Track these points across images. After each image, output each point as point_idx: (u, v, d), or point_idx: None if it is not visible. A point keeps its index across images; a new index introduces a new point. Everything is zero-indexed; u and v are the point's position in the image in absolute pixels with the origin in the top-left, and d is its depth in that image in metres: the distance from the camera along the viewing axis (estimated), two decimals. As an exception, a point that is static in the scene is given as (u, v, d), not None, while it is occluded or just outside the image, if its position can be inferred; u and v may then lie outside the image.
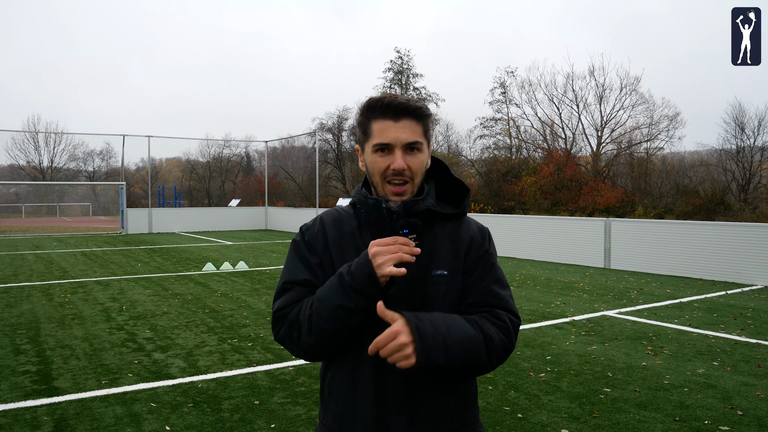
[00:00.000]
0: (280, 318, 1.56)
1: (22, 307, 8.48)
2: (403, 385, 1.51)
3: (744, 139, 25.42)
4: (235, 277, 11.56)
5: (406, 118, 1.52)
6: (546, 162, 27.68)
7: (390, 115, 1.51)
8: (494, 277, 1.61)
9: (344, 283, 1.43)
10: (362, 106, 1.58)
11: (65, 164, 46.68)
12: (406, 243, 1.41)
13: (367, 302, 1.41)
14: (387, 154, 1.52)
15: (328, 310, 1.45)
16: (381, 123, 1.52)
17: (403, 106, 1.52)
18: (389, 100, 1.52)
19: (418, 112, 1.53)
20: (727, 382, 5.09)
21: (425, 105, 1.57)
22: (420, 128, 1.54)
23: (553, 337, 6.64)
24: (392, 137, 1.50)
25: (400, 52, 37.51)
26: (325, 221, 1.64)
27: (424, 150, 1.55)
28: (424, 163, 1.56)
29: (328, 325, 1.45)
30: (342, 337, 1.49)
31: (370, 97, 1.57)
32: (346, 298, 1.42)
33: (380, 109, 1.53)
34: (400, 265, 1.41)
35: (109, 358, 5.86)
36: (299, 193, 37.99)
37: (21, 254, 16.18)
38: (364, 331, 1.53)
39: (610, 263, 13.09)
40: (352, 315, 1.43)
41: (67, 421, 4.24)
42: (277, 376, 5.31)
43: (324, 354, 1.56)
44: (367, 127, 1.55)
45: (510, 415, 4.37)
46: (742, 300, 9.05)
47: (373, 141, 1.53)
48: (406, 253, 1.39)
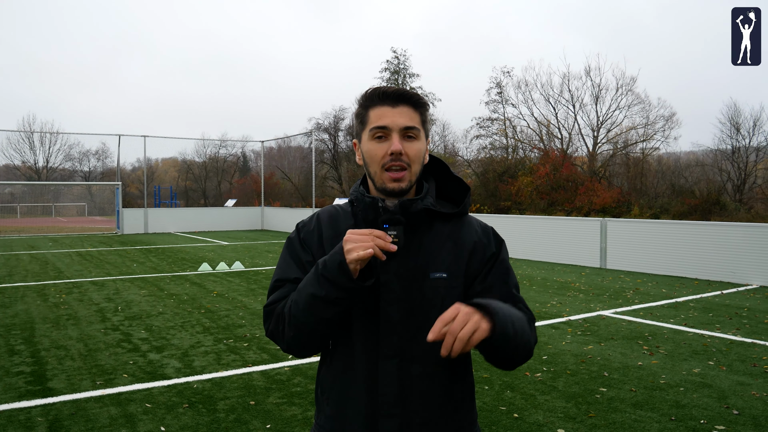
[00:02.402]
0: (269, 313, 1.57)
1: (16, 307, 8.44)
2: (395, 387, 1.49)
3: (739, 140, 25.53)
4: (231, 277, 11.53)
5: (403, 105, 1.52)
6: (542, 162, 27.72)
7: (388, 102, 1.52)
8: (513, 283, 1.60)
9: (318, 272, 1.42)
10: (360, 97, 1.58)
11: (61, 164, 46.62)
12: (381, 236, 1.38)
13: (339, 293, 1.39)
14: (384, 140, 1.51)
15: (303, 300, 1.44)
16: (379, 109, 1.52)
17: (401, 92, 1.53)
18: (386, 88, 1.54)
19: (414, 99, 1.53)
20: (723, 381, 5.10)
21: (423, 96, 1.58)
22: (417, 116, 1.53)
23: (549, 337, 6.64)
24: (389, 121, 1.50)
25: (397, 52, 37.55)
26: (321, 218, 1.63)
27: (422, 139, 1.54)
28: (421, 152, 1.54)
29: (304, 316, 1.44)
30: (320, 330, 1.46)
31: (368, 88, 1.58)
32: (317, 287, 1.40)
33: (378, 96, 1.53)
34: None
35: (104, 358, 5.83)
36: (295, 193, 37.96)
37: (16, 254, 16.12)
38: (351, 330, 1.52)
39: (606, 263, 13.11)
40: (326, 306, 1.40)
41: (62, 421, 4.22)
42: (272, 376, 5.30)
43: (305, 348, 1.53)
44: (365, 115, 1.55)
45: (506, 415, 4.36)
46: (737, 300, 9.07)
47: (370, 126, 1.53)
48: (380, 247, 1.36)
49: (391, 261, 1.49)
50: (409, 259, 1.51)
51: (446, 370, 1.53)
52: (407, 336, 1.50)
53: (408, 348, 1.50)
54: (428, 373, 1.51)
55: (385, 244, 1.37)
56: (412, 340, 1.50)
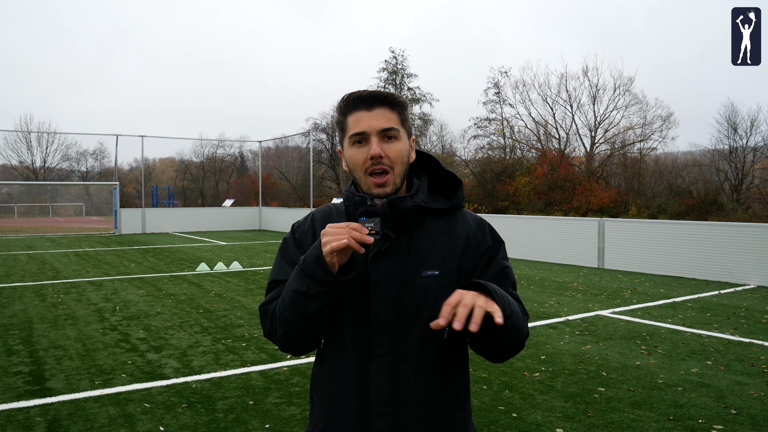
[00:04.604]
0: (264, 313, 1.58)
1: (14, 307, 8.42)
2: (387, 386, 1.49)
3: (736, 140, 25.58)
4: (228, 277, 11.53)
5: (379, 107, 1.50)
6: (540, 162, 27.75)
7: (363, 106, 1.50)
8: (510, 280, 1.59)
9: (299, 268, 1.42)
10: (337, 105, 1.57)
11: (58, 164, 46.51)
12: (357, 228, 1.36)
13: (320, 287, 1.38)
14: (364, 145, 1.50)
15: (287, 297, 1.44)
16: (355, 115, 1.51)
17: (375, 94, 1.51)
18: (360, 92, 1.52)
19: (390, 99, 1.51)
20: (721, 381, 5.11)
21: (399, 95, 1.56)
22: (395, 116, 1.52)
23: (547, 337, 6.65)
24: (366, 125, 1.49)
25: (395, 52, 37.55)
26: (316, 218, 1.64)
27: (402, 138, 1.52)
28: (403, 152, 1.51)
29: (289, 312, 1.44)
30: (306, 326, 1.46)
31: (344, 94, 1.56)
32: (299, 282, 1.40)
33: (353, 101, 1.52)
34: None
35: (102, 358, 5.83)
36: (293, 193, 37.93)
37: (13, 254, 16.08)
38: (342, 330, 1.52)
39: (604, 263, 13.13)
40: (308, 301, 1.40)
41: (60, 421, 4.21)
42: (271, 376, 5.30)
43: (296, 345, 1.52)
44: (343, 122, 1.54)
45: (505, 415, 4.37)
46: (735, 299, 9.10)
47: (349, 133, 1.52)
48: (356, 239, 1.34)
49: (382, 260, 1.49)
50: (400, 258, 1.50)
51: (438, 368, 1.52)
52: (398, 335, 1.49)
53: (399, 347, 1.49)
54: (420, 372, 1.50)
55: (361, 236, 1.34)
56: (404, 339, 1.49)
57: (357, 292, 1.50)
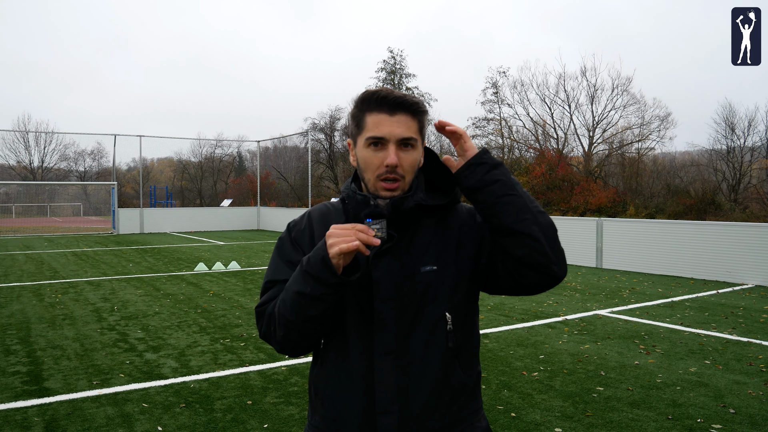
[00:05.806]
0: (260, 314, 1.56)
1: (12, 307, 8.41)
2: (392, 383, 1.48)
3: (734, 140, 25.66)
4: (227, 277, 11.51)
5: (401, 113, 1.47)
6: (538, 162, 27.79)
7: (385, 109, 1.47)
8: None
9: (302, 269, 1.40)
10: (357, 98, 1.53)
11: (56, 164, 46.48)
12: (364, 230, 1.35)
13: (324, 288, 1.37)
14: (380, 149, 1.47)
15: (289, 297, 1.42)
16: (376, 116, 1.47)
17: (400, 100, 1.47)
18: (385, 93, 1.48)
19: (414, 107, 1.48)
20: (719, 380, 5.11)
21: (422, 101, 1.53)
22: (415, 124, 1.49)
23: (546, 337, 6.65)
24: (386, 131, 1.46)
25: (393, 52, 37.57)
26: (312, 217, 1.62)
27: (418, 147, 1.51)
28: (417, 161, 1.51)
29: (291, 314, 1.42)
30: (308, 328, 1.44)
31: (366, 89, 1.53)
32: (302, 283, 1.39)
33: (376, 101, 1.48)
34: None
35: (100, 358, 5.81)
36: (291, 193, 37.93)
37: (11, 254, 16.06)
38: (345, 329, 1.51)
39: (602, 263, 13.14)
40: (311, 303, 1.39)
41: (58, 421, 4.20)
42: (269, 376, 5.29)
43: (297, 347, 1.51)
44: (361, 119, 1.50)
45: (503, 414, 4.37)
46: (733, 299, 9.11)
47: (366, 134, 1.48)
48: (363, 241, 1.34)
49: (383, 258, 1.48)
50: (400, 256, 1.50)
51: (443, 363, 1.51)
52: (402, 332, 1.49)
53: (403, 344, 1.49)
54: (424, 367, 1.50)
55: (368, 238, 1.34)
56: (407, 335, 1.49)
57: (359, 291, 1.49)
